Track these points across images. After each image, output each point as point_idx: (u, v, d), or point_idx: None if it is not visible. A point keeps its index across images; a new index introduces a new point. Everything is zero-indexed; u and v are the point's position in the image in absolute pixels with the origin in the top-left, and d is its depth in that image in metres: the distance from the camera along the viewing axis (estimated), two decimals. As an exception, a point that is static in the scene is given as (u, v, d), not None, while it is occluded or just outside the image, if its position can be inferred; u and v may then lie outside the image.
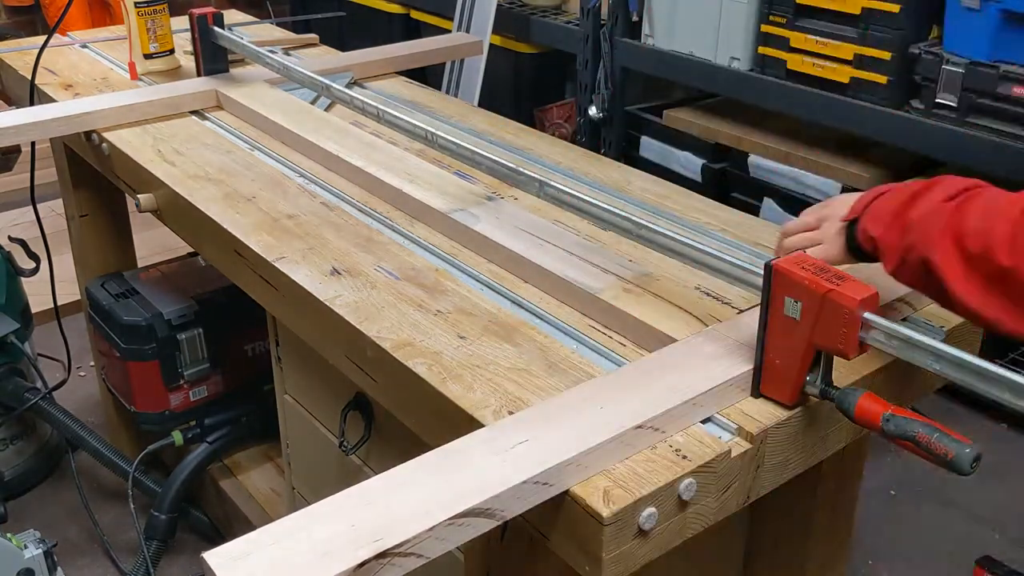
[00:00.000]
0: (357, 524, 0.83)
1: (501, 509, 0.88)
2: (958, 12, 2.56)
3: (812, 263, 0.98)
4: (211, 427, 2.13)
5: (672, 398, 1.00)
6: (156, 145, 1.78)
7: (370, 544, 0.81)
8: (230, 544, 0.80)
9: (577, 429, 0.95)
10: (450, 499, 0.86)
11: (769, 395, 1.05)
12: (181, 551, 2.28)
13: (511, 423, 0.98)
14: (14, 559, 1.96)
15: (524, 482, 0.89)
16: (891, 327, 0.94)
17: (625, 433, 0.95)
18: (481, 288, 1.32)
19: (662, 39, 3.35)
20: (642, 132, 3.61)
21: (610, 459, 0.94)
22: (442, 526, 0.84)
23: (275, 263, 1.37)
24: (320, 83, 1.75)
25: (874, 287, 0.96)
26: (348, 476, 1.55)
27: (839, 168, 2.97)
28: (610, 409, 0.98)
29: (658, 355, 1.10)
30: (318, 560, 0.79)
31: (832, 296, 0.95)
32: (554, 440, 0.94)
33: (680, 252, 1.18)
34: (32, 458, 2.48)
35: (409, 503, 0.85)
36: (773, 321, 1.00)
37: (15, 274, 2.40)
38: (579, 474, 0.92)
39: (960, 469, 0.87)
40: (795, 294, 0.97)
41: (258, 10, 4.84)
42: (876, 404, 0.94)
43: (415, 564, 0.83)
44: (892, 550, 2.36)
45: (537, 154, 1.78)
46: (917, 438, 0.90)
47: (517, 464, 0.90)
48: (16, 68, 2.22)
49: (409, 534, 0.82)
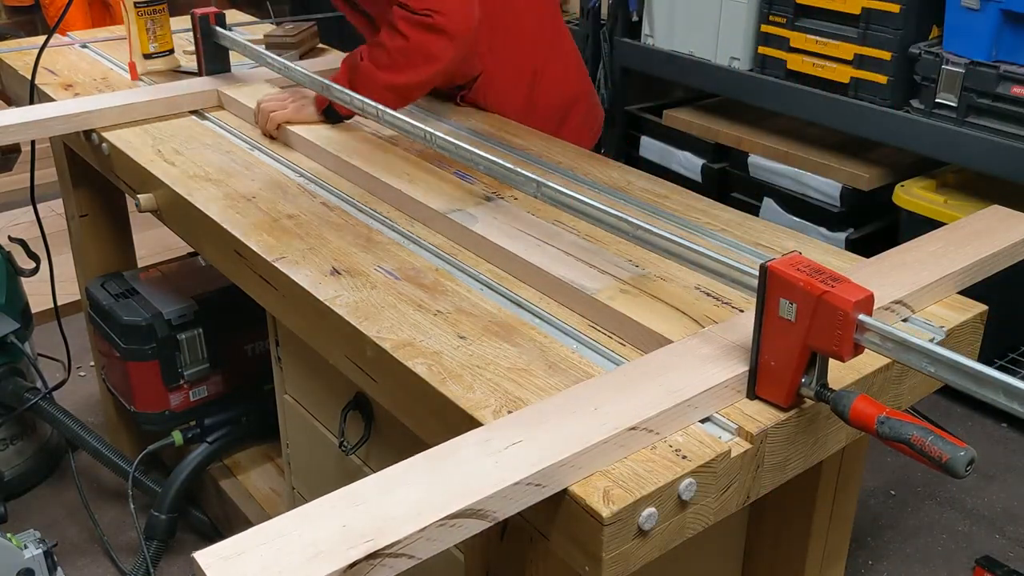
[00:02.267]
0: (348, 524, 0.83)
1: (493, 510, 0.87)
2: (958, 12, 2.56)
3: (807, 265, 0.98)
4: (211, 427, 2.13)
5: (667, 400, 1.00)
6: (156, 145, 1.78)
7: (361, 544, 0.80)
8: (221, 544, 0.80)
9: (571, 430, 0.95)
10: (442, 500, 0.86)
11: (765, 397, 1.04)
12: (181, 551, 2.28)
13: (505, 424, 0.97)
14: (14, 559, 1.96)
15: (517, 483, 0.88)
16: (886, 329, 0.94)
17: (619, 434, 0.95)
18: (481, 288, 1.32)
19: (662, 39, 3.36)
20: (642, 132, 3.61)
21: (604, 460, 0.94)
22: (433, 527, 0.83)
23: (275, 263, 1.37)
24: (319, 83, 1.75)
25: (869, 289, 0.96)
26: (348, 476, 1.55)
27: (839, 168, 2.97)
28: (604, 410, 0.98)
29: (654, 356, 1.10)
30: (309, 560, 0.79)
31: (827, 298, 0.94)
32: (548, 441, 0.93)
33: (676, 253, 1.17)
34: (32, 458, 2.48)
35: (401, 504, 0.85)
36: (768, 323, 1.00)
37: (15, 274, 2.40)
38: (573, 475, 0.92)
39: (954, 472, 0.87)
40: (790, 296, 0.97)
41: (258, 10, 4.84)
42: (871, 407, 0.94)
43: (406, 565, 0.83)
44: (892, 550, 2.36)
45: (536, 154, 1.78)
46: (911, 441, 0.90)
47: (510, 465, 0.90)
48: (16, 68, 2.22)
49: (400, 535, 0.82)
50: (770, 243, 1.42)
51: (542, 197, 1.35)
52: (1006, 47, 2.50)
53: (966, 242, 1.30)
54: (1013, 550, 2.35)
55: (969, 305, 1.25)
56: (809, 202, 3.05)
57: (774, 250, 1.39)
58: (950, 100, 2.59)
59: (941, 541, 2.39)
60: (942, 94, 2.61)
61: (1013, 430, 2.77)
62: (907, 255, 1.28)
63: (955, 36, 2.60)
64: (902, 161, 2.96)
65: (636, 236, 1.22)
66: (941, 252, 1.28)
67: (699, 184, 3.37)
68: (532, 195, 1.36)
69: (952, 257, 1.26)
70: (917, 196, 2.74)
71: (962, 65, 2.55)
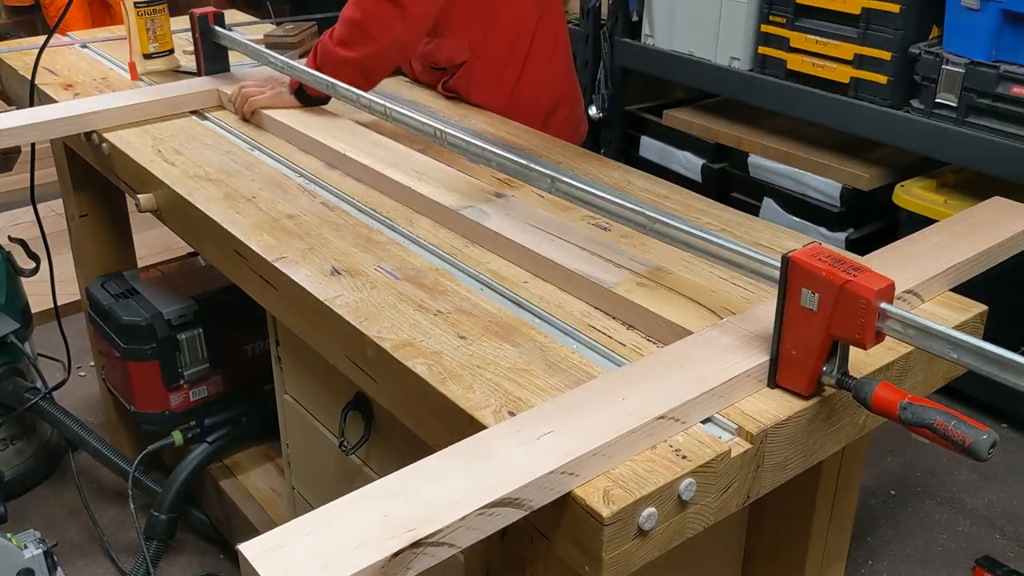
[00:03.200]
0: (390, 514, 0.84)
1: (529, 499, 0.89)
2: (958, 12, 2.56)
3: (829, 255, 0.99)
4: (211, 427, 2.13)
5: (692, 389, 1.01)
6: (156, 145, 1.78)
7: (403, 534, 0.81)
8: (264, 536, 0.81)
9: (601, 420, 0.96)
10: (480, 489, 0.87)
11: (786, 386, 1.05)
12: (181, 551, 2.28)
13: (534, 415, 0.98)
14: (14, 559, 1.96)
15: (551, 472, 0.89)
16: (908, 317, 0.95)
17: (648, 423, 0.96)
18: (481, 288, 1.32)
19: (662, 39, 3.36)
20: (642, 132, 3.61)
21: (634, 449, 0.96)
22: (473, 515, 0.85)
23: (275, 263, 1.37)
24: (324, 81, 1.75)
25: (890, 278, 0.96)
26: (348, 476, 1.55)
27: (839, 168, 2.97)
28: (632, 400, 0.99)
29: (675, 347, 1.11)
30: (353, 550, 0.80)
31: (849, 287, 0.95)
32: (578, 431, 0.95)
33: (694, 246, 1.18)
34: (32, 458, 2.48)
35: (439, 494, 0.86)
36: (790, 312, 1.01)
37: (15, 274, 2.40)
38: (604, 464, 0.93)
39: (978, 455, 0.88)
40: (812, 285, 0.98)
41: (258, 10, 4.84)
42: (893, 393, 0.95)
43: (448, 553, 0.84)
44: (892, 550, 2.36)
45: (536, 154, 1.78)
46: (935, 425, 0.91)
47: (543, 454, 0.91)
48: (16, 68, 2.22)
49: (442, 524, 0.83)
50: (770, 243, 1.43)
51: (557, 193, 1.35)
52: (1006, 47, 2.50)
53: (970, 233, 1.32)
54: (1013, 550, 2.35)
55: (969, 305, 1.25)
56: (809, 202, 3.05)
57: (774, 250, 1.39)
58: (950, 100, 2.59)
59: (941, 541, 2.39)
60: (942, 94, 2.61)
61: (1013, 430, 2.77)
62: (913, 247, 1.30)
63: (955, 36, 2.60)
64: (902, 161, 2.96)
65: (654, 229, 1.22)
66: (946, 243, 1.30)
67: (699, 184, 3.37)
68: (547, 191, 1.36)
69: (958, 247, 1.28)
70: (917, 196, 2.74)
71: (962, 65, 2.55)
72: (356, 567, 0.78)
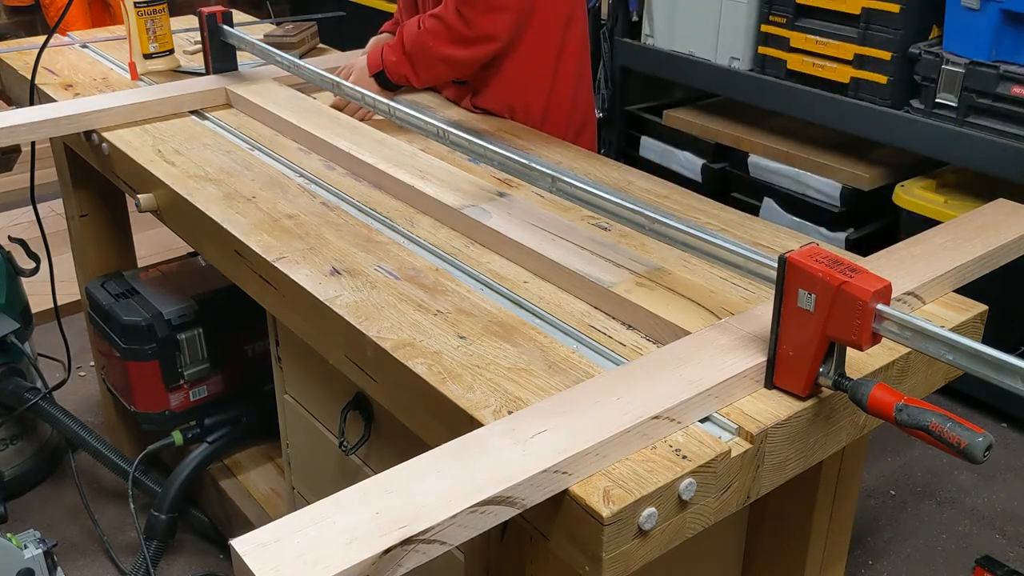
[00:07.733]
0: (382, 512, 0.84)
1: (522, 498, 0.89)
2: (958, 12, 2.56)
3: (826, 256, 0.99)
4: (211, 427, 2.13)
5: (688, 389, 1.01)
6: (156, 145, 1.78)
7: (395, 531, 0.82)
8: (257, 531, 0.81)
9: (595, 420, 0.96)
10: (472, 487, 0.87)
11: (783, 386, 1.05)
12: (181, 551, 2.28)
13: (529, 414, 0.99)
14: (14, 559, 1.96)
15: (544, 471, 0.90)
16: (904, 318, 0.95)
17: (642, 423, 0.96)
18: (481, 288, 1.32)
19: (662, 39, 3.36)
20: (642, 132, 3.61)
21: (628, 449, 0.96)
22: (464, 513, 0.85)
23: (275, 263, 1.37)
24: (330, 80, 1.75)
25: (887, 280, 0.96)
26: (348, 476, 1.55)
27: (839, 168, 2.97)
28: (627, 400, 0.99)
29: (672, 347, 1.11)
30: (345, 547, 0.80)
31: (846, 288, 0.96)
32: (572, 430, 0.95)
33: (694, 246, 1.18)
34: (32, 458, 2.48)
35: (432, 491, 0.87)
36: (787, 313, 1.01)
37: (15, 274, 2.40)
38: (598, 463, 0.93)
39: (973, 458, 0.88)
40: (809, 286, 0.98)
41: (258, 10, 4.84)
42: (889, 394, 0.95)
43: (439, 551, 0.84)
44: (892, 550, 2.36)
45: (536, 154, 1.78)
46: (930, 427, 0.90)
47: (537, 453, 0.91)
48: (16, 68, 2.22)
49: (433, 521, 0.83)
50: (770, 243, 1.43)
51: (557, 192, 1.35)
52: (1006, 47, 2.50)
53: (973, 235, 1.32)
54: (1013, 550, 2.35)
55: (969, 305, 1.25)
56: (809, 202, 3.05)
57: (774, 250, 1.39)
58: (950, 100, 2.59)
59: (941, 541, 2.39)
60: (942, 94, 2.61)
61: (1013, 430, 2.77)
62: (916, 248, 1.30)
63: (955, 36, 2.60)
64: (902, 161, 2.96)
65: (653, 229, 1.22)
66: (950, 245, 1.30)
67: (699, 184, 3.37)
68: (548, 190, 1.37)
69: (961, 249, 1.28)
70: (917, 196, 2.74)
71: (962, 65, 2.55)
72: (347, 563, 0.79)
